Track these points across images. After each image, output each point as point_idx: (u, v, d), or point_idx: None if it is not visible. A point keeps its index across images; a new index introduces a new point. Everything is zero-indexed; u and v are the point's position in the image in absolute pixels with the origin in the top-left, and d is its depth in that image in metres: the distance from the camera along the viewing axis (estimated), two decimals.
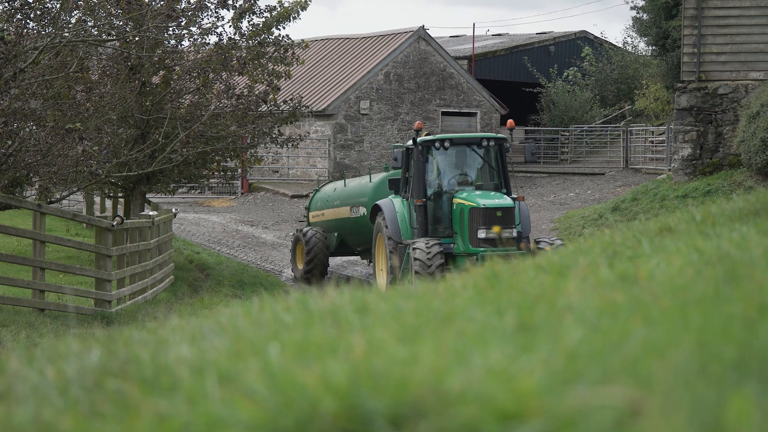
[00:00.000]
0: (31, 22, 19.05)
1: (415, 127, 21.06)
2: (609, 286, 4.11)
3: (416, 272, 19.15)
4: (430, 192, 20.80)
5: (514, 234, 19.59)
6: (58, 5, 18.98)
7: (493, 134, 21.44)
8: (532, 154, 20.27)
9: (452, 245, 20.20)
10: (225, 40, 24.11)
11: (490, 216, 19.54)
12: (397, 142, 41.59)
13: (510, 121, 21.30)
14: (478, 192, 20.31)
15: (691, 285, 3.96)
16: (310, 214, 26.31)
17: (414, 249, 19.44)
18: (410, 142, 21.15)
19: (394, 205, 21.08)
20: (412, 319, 3.57)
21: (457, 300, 4.11)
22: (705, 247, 5.10)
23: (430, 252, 19.21)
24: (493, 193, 20.24)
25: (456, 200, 20.27)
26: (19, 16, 18.92)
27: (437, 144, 20.74)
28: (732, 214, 7.04)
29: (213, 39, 24.43)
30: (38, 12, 18.88)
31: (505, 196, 20.19)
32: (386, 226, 21.00)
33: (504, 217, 19.54)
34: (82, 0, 19.63)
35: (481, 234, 19.52)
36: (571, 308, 3.56)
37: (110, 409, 2.73)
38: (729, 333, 3.02)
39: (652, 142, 39.50)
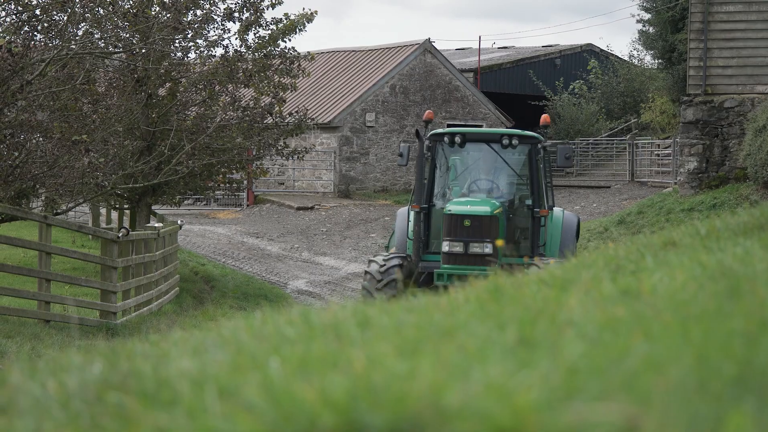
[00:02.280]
0: (38, 35, 19.12)
1: (425, 118, 17.55)
2: (611, 301, 4.11)
3: (363, 288, 16.07)
4: (436, 198, 17.21)
5: (487, 250, 15.82)
6: (65, 18, 19.05)
7: (521, 131, 17.65)
8: (566, 158, 17.33)
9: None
10: (231, 53, 24.18)
11: (455, 225, 15.85)
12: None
13: (545, 116, 17.76)
14: (465, 198, 16.75)
15: (693, 300, 3.96)
16: None
17: (370, 262, 16.33)
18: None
19: (409, 214, 17.37)
20: (412, 333, 3.57)
21: (458, 314, 4.11)
22: (708, 261, 5.10)
23: (384, 265, 15.91)
24: (479, 198, 16.62)
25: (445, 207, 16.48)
26: (26, 29, 18.99)
27: (447, 139, 16.91)
28: (736, 228, 7.03)
29: (219, 51, 24.50)
30: (45, 24, 18.95)
31: (493, 201, 16.36)
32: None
33: (474, 227, 15.81)
34: (89, 12, 19.68)
35: (444, 247, 15.89)
36: (573, 323, 3.56)
37: (111, 422, 2.73)
38: (729, 349, 3.02)
39: (658, 155, 39.49)
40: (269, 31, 25.74)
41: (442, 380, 2.64)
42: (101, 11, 20.43)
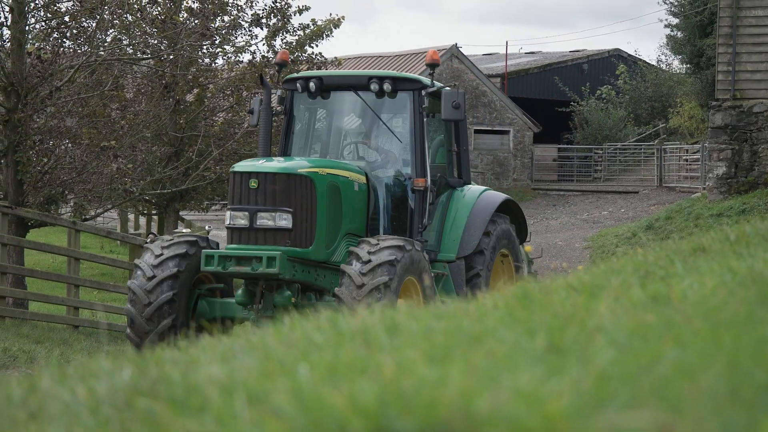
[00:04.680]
0: (67, 41, 19.25)
1: (278, 59, 13.91)
2: (641, 307, 4.08)
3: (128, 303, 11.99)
4: None
5: (283, 223, 11.62)
6: (94, 24, 19.17)
7: (397, 73, 13.63)
8: (454, 108, 12.61)
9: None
10: (258, 58, 24.24)
11: (240, 187, 11.84)
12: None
13: (431, 52, 13.47)
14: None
15: (724, 306, 3.93)
16: None
17: (144, 250, 12.40)
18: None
19: None
20: (441, 339, 3.56)
21: (487, 320, 4.10)
22: (738, 267, 5.06)
23: (162, 255, 11.92)
24: (292, 159, 12.53)
25: None
26: (55, 35, 19.12)
27: (299, 85, 12.97)
28: (766, 233, 6.98)
29: (246, 57, 24.57)
30: (74, 31, 19.07)
31: (301, 161, 12.24)
32: None
33: (261, 190, 11.73)
34: (117, 19, 19.80)
35: (227, 220, 11.91)
36: (602, 329, 3.54)
37: (140, 428, 2.74)
38: (761, 355, 3.00)
39: (687, 160, 39.30)
40: (296, 37, 25.78)
41: (472, 387, 2.63)
42: (129, 18, 20.54)
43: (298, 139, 13.40)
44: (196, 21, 22.47)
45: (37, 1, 19.02)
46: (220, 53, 24.30)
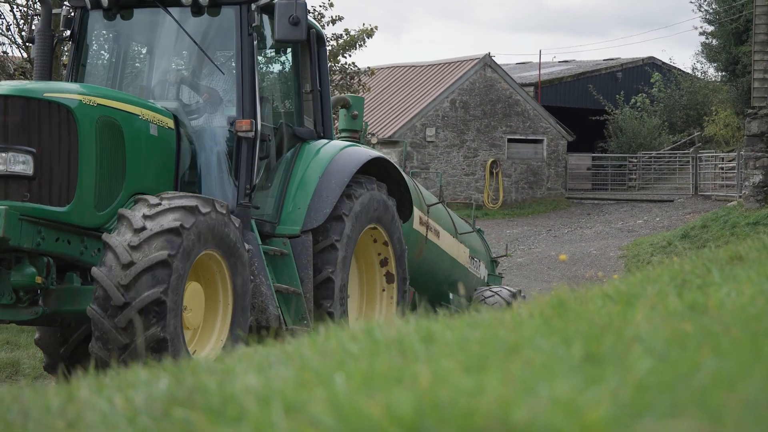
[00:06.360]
0: None
1: None
2: (678, 316, 4.06)
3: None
4: None
5: (8, 168, 8.58)
6: None
7: None
8: (292, 24, 9.33)
9: None
10: None
11: None
12: (463, 169, 41.57)
13: None
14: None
15: (763, 315, 3.90)
16: None
17: None
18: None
19: None
20: (477, 348, 3.55)
21: (523, 329, 4.09)
22: None
23: None
24: (49, 82, 9.54)
25: None
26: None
27: (88, 0, 10.20)
28: None
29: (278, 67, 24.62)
30: None
31: (60, 84, 9.39)
32: None
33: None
34: None
35: None
36: (639, 338, 3.52)
37: None
38: None
39: (722, 168, 39.05)
40: (330, 47, 25.85)
41: (510, 396, 2.62)
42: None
43: (92, 74, 10.53)
44: None
45: None
46: None
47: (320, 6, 25.21)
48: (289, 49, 10.91)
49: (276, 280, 9.92)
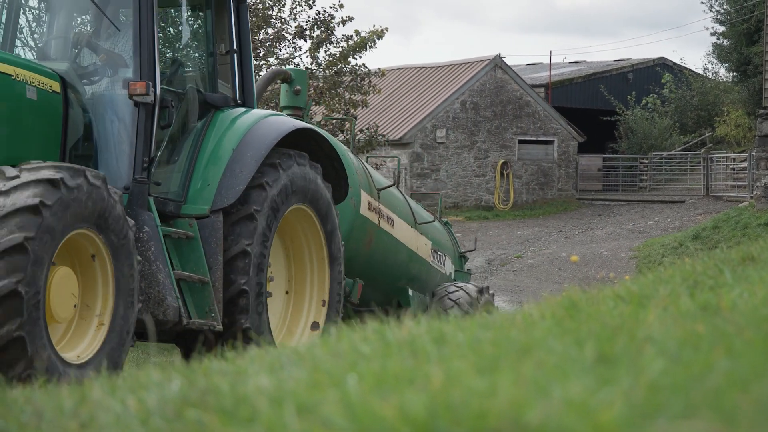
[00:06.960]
0: None
1: None
2: (690, 317, 4.05)
3: None
4: None
5: None
6: None
7: None
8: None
9: None
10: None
11: None
12: (474, 170, 41.55)
13: None
14: None
15: None
16: None
17: None
18: None
19: None
20: (490, 349, 3.55)
21: (535, 330, 4.08)
22: None
23: None
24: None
25: None
26: None
27: None
28: None
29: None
30: None
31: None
32: None
33: None
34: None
35: None
36: (652, 339, 3.52)
37: None
38: None
39: (734, 169, 38.98)
40: (340, 49, 25.86)
41: (522, 397, 2.62)
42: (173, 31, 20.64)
43: None
44: None
45: None
46: (264, 65, 24.43)
47: (330, 7, 25.24)
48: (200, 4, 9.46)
49: (180, 267, 8.54)
